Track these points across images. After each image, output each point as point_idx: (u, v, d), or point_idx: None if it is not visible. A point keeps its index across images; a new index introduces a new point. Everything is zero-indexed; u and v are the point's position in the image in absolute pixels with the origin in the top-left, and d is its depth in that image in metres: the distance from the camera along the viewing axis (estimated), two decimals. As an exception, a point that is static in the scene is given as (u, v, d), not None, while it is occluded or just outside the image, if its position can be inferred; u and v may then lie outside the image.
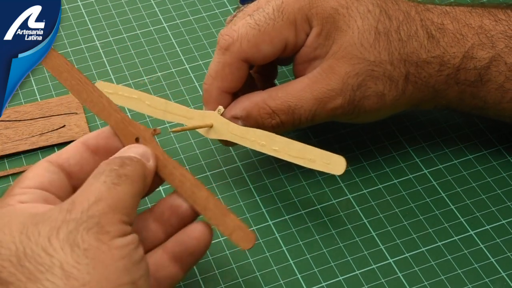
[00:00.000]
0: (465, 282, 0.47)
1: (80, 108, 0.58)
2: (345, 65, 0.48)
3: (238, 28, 0.49)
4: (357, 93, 0.49)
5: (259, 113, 0.49)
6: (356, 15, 0.48)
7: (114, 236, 0.37)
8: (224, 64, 0.49)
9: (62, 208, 0.38)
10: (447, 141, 0.55)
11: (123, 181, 0.39)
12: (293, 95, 0.49)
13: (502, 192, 0.52)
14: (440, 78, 0.49)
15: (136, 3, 0.68)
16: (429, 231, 0.50)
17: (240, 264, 0.48)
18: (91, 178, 0.39)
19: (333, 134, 0.56)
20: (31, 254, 0.36)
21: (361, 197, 0.52)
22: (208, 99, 0.50)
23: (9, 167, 0.55)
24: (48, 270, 0.36)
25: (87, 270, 0.36)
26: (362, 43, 0.48)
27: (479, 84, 0.49)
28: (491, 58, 0.49)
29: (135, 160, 0.41)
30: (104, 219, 0.37)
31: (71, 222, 0.37)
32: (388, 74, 0.49)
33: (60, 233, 0.37)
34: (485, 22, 0.49)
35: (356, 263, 0.48)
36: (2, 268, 0.36)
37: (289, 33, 0.49)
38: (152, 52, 0.64)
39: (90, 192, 0.38)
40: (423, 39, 0.49)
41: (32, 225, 0.37)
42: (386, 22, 0.49)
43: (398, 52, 0.48)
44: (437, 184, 0.53)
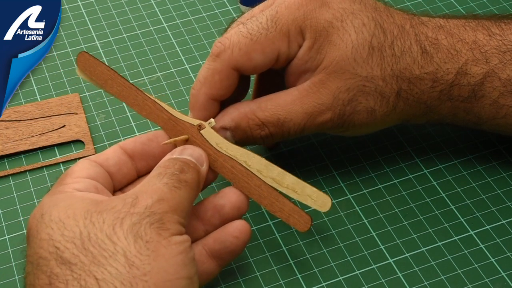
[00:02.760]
0: (465, 282, 0.47)
1: (80, 108, 0.58)
2: (336, 80, 0.48)
3: (230, 36, 0.48)
4: (347, 108, 0.48)
5: (248, 124, 0.48)
6: (351, 29, 0.48)
7: (173, 233, 0.39)
8: (214, 71, 0.48)
9: (126, 201, 0.40)
10: (447, 141, 0.55)
11: (183, 186, 0.42)
12: (282, 108, 0.48)
13: (502, 192, 0.52)
14: (433, 94, 0.49)
15: (136, 3, 0.68)
16: (429, 231, 0.50)
17: (240, 264, 0.48)
18: (153, 178, 0.42)
19: (333, 135, 0.56)
20: (95, 239, 0.38)
21: (361, 197, 0.52)
22: (194, 104, 0.49)
23: (9, 167, 0.55)
24: (111, 256, 0.38)
25: (148, 261, 0.38)
26: (355, 58, 0.48)
27: (473, 100, 0.49)
28: (485, 74, 0.48)
29: (192, 166, 0.43)
30: (165, 217, 0.39)
31: (135, 215, 0.39)
32: (380, 90, 0.48)
33: (124, 223, 0.39)
34: (479, 37, 0.49)
35: (356, 263, 0.48)
36: (65, 249, 0.38)
37: (282, 44, 0.48)
38: (152, 52, 0.64)
39: (153, 191, 0.41)
40: (416, 55, 0.48)
41: (96, 212, 0.39)
42: (381, 36, 0.48)
43: (391, 68, 0.48)
44: (437, 184, 0.53)
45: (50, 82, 0.61)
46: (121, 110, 0.58)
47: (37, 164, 0.55)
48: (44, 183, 0.54)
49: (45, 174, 0.54)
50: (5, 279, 0.48)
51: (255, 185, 0.45)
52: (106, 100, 0.59)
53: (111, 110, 0.59)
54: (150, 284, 0.37)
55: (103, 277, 0.37)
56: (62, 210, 0.40)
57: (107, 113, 0.58)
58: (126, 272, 0.37)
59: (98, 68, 0.47)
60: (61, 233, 0.39)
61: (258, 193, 0.45)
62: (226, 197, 0.45)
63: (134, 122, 0.58)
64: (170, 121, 0.47)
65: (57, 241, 0.38)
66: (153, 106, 0.47)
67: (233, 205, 0.45)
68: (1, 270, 0.49)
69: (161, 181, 0.41)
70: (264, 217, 0.51)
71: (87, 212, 0.39)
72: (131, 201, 0.40)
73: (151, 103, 0.47)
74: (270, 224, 0.51)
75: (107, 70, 0.47)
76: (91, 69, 0.48)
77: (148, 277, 0.37)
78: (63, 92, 0.60)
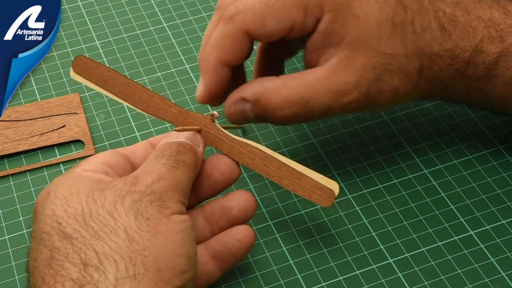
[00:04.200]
0: (465, 282, 0.47)
1: (80, 108, 0.58)
2: (362, 57, 0.47)
3: (245, 1, 0.47)
4: (372, 87, 0.47)
5: (269, 101, 0.47)
6: (374, 4, 0.47)
7: (173, 212, 0.40)
8: (225, 34, 0.47)
9: (127, 180, 0.41)
10: (447, 141, 0.55)
11: (181, 166, 0.42)
12: (308, 86, 0.47)
13: (502, 192, 0.52)
14: (450, 72, 0.49)
15: (136, 3, 0.68)
16: (429, 231, 0.50)
17: (240, 264, 0.48)
18: (151, 160, 0.43)
19: (333, 135, 0.56)
20: (97, 216, 0.39)
21: (361, 197, 0.52)
22: (205, 68, 0.48)
23: (9, 167, 0.55)
24: (112, 232, 0.38)
25: (148, 237, 0.38)
26: (379, 34, 0.46)
27: (486, 79, 0.49)
28: (500, 53, 0.48)
29: (188, 147, 0.44)
30: (165, 195, 0.40)
31: (136, 193, 0.40)
32: (403, 68, 0.47)
33: (125, 201, 0.40)
34: (495, 15, 0.48)
35: (356, 263, 0.48)
36: (67, 224, 0.39)
37: (298, 14, 0.46)
38: (152, 52, 0.64)
39: (152, 171, 0.41)
40: (436, 32, 0.48)
41: (98, 190, 0.40)
42: (402, 13, 0.47)
43: (413, 45, 0.47)
44: (437, 184, 0.53)
45: (50, 82, 0.61)
46: (121, 110, 0.58)
47: (37, 164, 0.55)
48: (44, 183, 0.54)
49: (45, 174, 0.54)
50: (5, 279, 0.48)
51: (274, 167, 0.46)
52: (106, 100, 0.59)
53: (111, 110, 0.59)
54: (149, 259, 0.38)
55: (103, 250, 0.38)
56: (66, 187, 0.41)
57: (107, 113, 0.58)
58: (126, 246, 0.38)
59: (97, 70, 0.47)
60: (64, 209, 0.40)
61: (278, 174, 0.46)
62: (235, 200, 0.46)
63: (134, 122, 0.58)
64: (181, 114, 0.47)
65: (60, 217, 0.40)
66: (160, 102, 0.47)
67: (241, 208, 0.46)
68: (1, 270, 0.49)
69: (159, 162, 0.42)
70: (264, 217, 0.51)
71: (90, 190, 0.40)
72: (132, 181, 0.41)
73: (159, 99, 0.47)
74: (270, 224, 0.51)
75: (108, 71, 0.47)
76: (89, 72, 0.47)
77: (147, 252, 0.38)
78: (63, 92, 0.60)
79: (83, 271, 0.37)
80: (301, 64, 0.61)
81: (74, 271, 0.37)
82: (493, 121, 0.56)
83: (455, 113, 0.57)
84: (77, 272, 0.37)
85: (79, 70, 0.47)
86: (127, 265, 0.37)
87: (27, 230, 0.51)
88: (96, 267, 0.37)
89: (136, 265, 0.37)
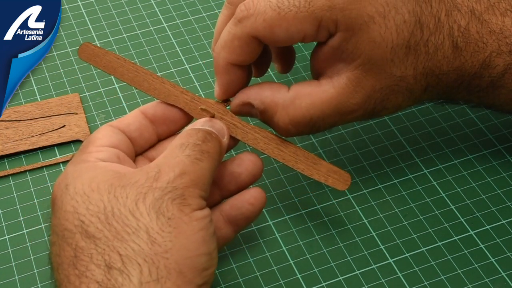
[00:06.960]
0: (465, 282, 0.47)
1: (80, 108, 0.58)
2: (373, 79, 0.46)
3: (257, 2, 0.45)
4: (378, 106, 0.47)
5: (275, 116, 0.47)
6: (392, 27, 0.45)
7: (194, 209, 0.40)
8: (234, 36, 0.46)
9: (149, 175, 0.40)
10: (447, 141, 0.55)
11: (205, 157, 0.42)
12: (317, 108, 0.46)
13: (502, 192, 0.52)
14: (454, 85, 0.48)
15: (136, 3, 0.68)
16: (429, 231, 0.50)
17: (240, 264, 0.48)
18: (175, 148, 0.42)
19: (333, 135, 0.56)
20: (119, 215, 0.39)
21: (361, 197, 0.52)
22: (217, 68, 0.47)
23: (9, 167, 0.55)
24: (134, 233, 0.38)
25: (169, 238, 0.38)
26: (393, 59, 0.45)
27: (490, 90, 0.48)
28: (507, 66, 0.47)
29: (214, 136, 0.43)
30: (187, 192, 0.40)
31: (157, 190, 0.39)
32: (410, 88, 0.47)
33: (147, 199, 0.39)
34: (507, 23, 0.47)
35: (356, 263, 0.48)
36: (89, 223, 0.39)
37: (310, 28, 0.44)
38: (152, 52, 0.64)
39: (175, 164, 0.41)
40: (447, 51, 0.47)
41: (120, 187, 0.40)
42: (418, 34, 0.46)
43: (423, 66, 0.47)
44: (437, 184, 0.53)
45: (50, 82, 0.61)
46: (121, 110, 0.58)
47: (37, 164, 0.55)
48: (44, 183, 0.54)
49: (45, 174, 0.54)
50: (5, 279, 0.48)
51: (290, 152, 0.46)
52: (106, 100, 0.59)
53: (111, 110, 0.59)
54: (171, 261, 0.38)
55: (126, 253, 0.38)
56: (86, 182, 0.40)
57: (107, 113, 0.58)
58: (148, 249, 0.38)
59: (105, 57, 0.47)
60: (85, 207, 0.39)
61: (294, 159, 0.46)
62: (243, 165, 0.46)
63: (134, 122, 0.58)
64: (193, 101, 0.47)
65: (82, 215, 0.39)
66: (172, 89, 0.47)
67: (250, 173, 0.46)
68: (1, 270, 0.49)
69: (183, 152, 0.41)
70: (264, 217, 0.51)
71: (111, 186, 0.40)
72: (154, 175, 0.40)
73: (170, 85, 0.47)
74: (270, 224, 0.51)
75: (116, 58, 0.47)
76: (96, 59, 0.47)
77: (169, 254, 0.38)
78: (63, 92, 0.60)
79: (107, 274, 0.37)
80: (301, 64, 0.61)
81: (99, 273, 0.37)
82: (493, 121, 0.56)
83: (455, 113, 0.57)
84: (102, 274, 0.37)
85: (86, 57, 0.47)
86: (151, 268, 0.37)
87: (27, 230, 0.51)
88: (120, 271, 0.37)
89: (159, 269, 0.38)
